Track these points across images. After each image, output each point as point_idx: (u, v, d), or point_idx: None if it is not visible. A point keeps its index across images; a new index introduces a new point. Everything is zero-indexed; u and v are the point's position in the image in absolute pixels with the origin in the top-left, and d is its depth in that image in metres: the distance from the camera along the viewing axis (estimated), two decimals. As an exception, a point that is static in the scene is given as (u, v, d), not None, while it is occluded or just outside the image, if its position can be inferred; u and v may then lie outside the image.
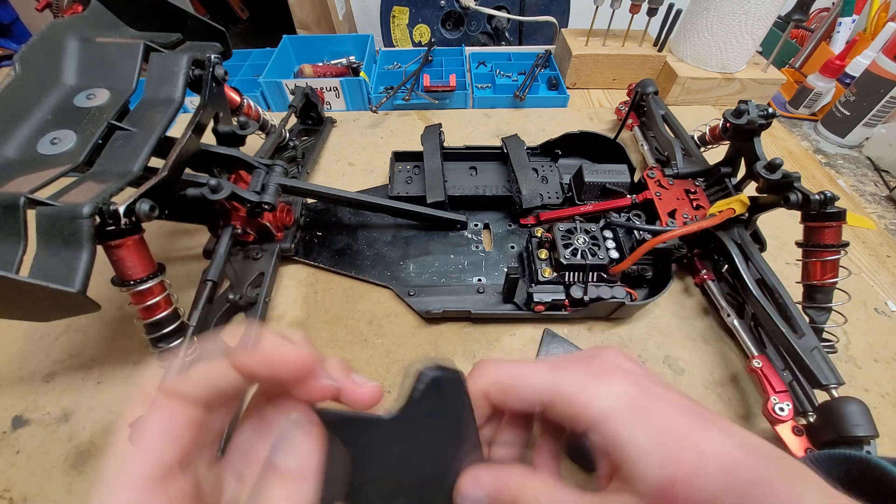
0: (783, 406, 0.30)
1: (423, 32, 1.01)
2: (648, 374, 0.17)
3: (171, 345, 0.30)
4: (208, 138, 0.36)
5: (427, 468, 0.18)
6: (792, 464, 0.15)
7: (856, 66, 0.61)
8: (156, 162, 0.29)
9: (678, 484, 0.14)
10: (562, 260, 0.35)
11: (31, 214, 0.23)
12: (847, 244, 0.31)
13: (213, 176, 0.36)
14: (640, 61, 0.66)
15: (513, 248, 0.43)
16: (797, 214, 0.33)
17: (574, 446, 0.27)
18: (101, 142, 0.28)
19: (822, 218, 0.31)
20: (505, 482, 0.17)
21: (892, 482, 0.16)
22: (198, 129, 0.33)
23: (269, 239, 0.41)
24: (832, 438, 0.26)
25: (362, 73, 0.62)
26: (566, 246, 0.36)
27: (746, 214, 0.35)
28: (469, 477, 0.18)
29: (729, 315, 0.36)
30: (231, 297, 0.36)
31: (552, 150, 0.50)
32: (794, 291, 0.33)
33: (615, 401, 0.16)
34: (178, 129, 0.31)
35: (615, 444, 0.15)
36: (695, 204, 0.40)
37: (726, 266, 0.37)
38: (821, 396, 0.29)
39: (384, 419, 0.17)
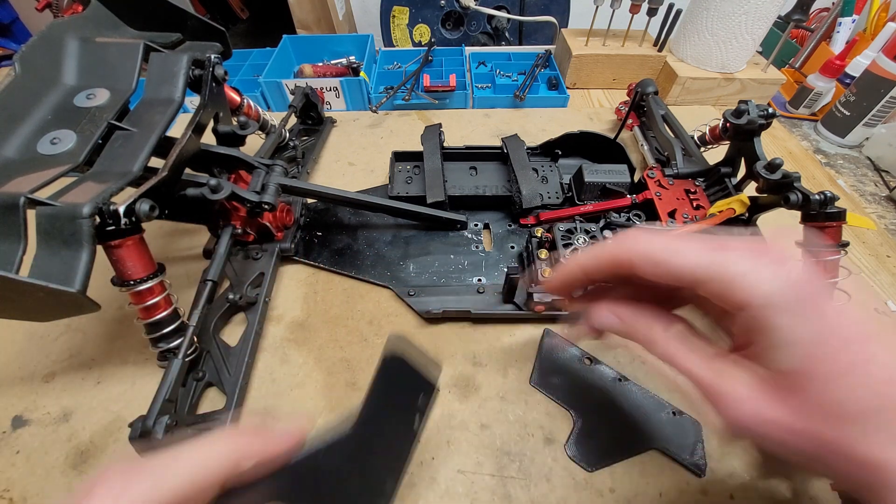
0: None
1: (423, 32, 1.01)
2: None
3: (171, 345, 0.30)
4: (208, 138, 0.36)
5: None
6: None
7: (856, 66, 0.61)
8: (156, 162, 0.29)
9: (821, 379, 0.15)
10: (562, 260, 0.35)
11: (31, 214, 0.23)
12: (847, 244, 0.31)
13: (213, 176, 0.36)
14: (640, 61, 0.66)
15: (513, 248, 0.43)
16: (797, 214, 0.33)
17: (575, 445, 0.27)
18: (101, 142, 0.28)
19: (822, 218, 0.31)
20: (638, 312, 0.19)
21: None
22: (198, 129, 0.33)
23: (269, 239, 0.41)
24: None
25: (362, 73, 0.62)
26: (566, 246, 0.36)
27: (746, 214, 0.35)
28: (599, 306, 0.21)
29: (729, 315, 0.36)
30: (231, 297, 0.36)
31: (552, 150, 0.49)
32: (794, 291, 0.33)
33: (783, 285, 0.16)
34: (178, 129, 0.31)
35: (767, 328, 0.16)
36: (695, 204, 0.40)
37: (726, 266, 0.37)
38: (821, 396, 0.29)
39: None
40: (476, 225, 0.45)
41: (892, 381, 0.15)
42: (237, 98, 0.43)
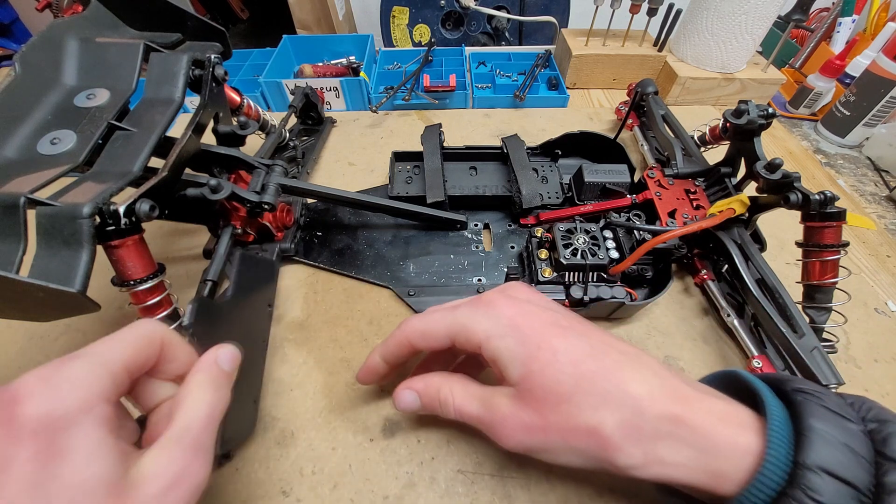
0: (783, 406, 0.29)
1: (423, 32, 1.01)
2: (534, 299, 0.24)
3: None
4: (208, 138, 0.36)
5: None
6: (634, 355, 0.21)
7: (856, 66, 0.61)
8: (156, 162, 0.29)
9: (535, 374, 0.20)
10: (562, 260, 0.35)
11: (31, 214, 0.23)
12: (847, 244, 0.31)
13: (213, 176, 0.36)
14: (640, 61, 0.66)
15: (513, 248, 0.43)
16: (797, 214, 0.33)
17: None
18: (101, 142, 0.28)
19: (821, 218, 0.31)
20: (429, 381, 0.25)
21: (747, 385, 0.21)
22: (198, 129, 0.33)
23: (269, 239, 0.41)
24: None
25: (362, 73, 0.62)
26: (566, 246, 0.36)
27: (746, 214, 0.35)
28: (401, 385, 0.26)
29: (729, 315, 0.36)
30: (231, 297, 0.36)
31: (552, 150, 0.50)
32: (794, 291, 0.33)
33: (494, 323, 0.22)
34: (178, 129, 0.31)
35: (494, 355, 0.21)
36: (695, 204, 0.40)
37: (726, 266, 0.37)
38: (821, 396, 0.29)
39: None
40: (476, 225, 0.45)
41: (575, 362, 0.20)
42: (237, 98, 0.43)
